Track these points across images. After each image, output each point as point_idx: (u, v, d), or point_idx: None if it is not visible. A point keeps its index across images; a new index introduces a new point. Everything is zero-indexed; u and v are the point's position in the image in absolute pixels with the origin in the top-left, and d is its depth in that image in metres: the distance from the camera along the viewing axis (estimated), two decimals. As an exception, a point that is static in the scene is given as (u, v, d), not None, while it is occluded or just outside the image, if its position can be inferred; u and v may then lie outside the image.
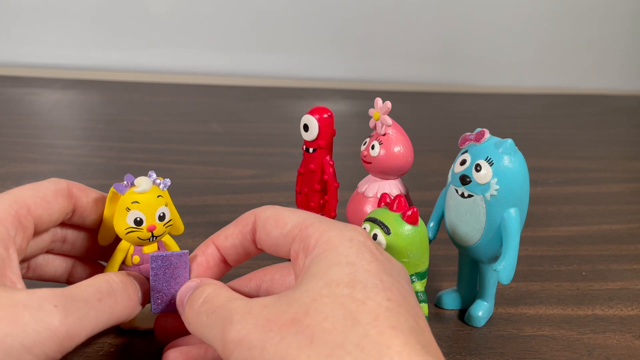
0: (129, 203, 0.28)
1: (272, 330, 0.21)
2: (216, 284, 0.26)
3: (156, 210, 0.28)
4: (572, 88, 1.30)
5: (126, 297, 0.26)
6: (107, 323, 0.25)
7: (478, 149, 0.32)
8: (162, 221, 0.29)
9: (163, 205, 0.29)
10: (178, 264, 0.28)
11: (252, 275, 0.30)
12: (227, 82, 1.09)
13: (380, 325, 0.20)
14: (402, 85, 1.19)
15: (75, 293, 0.23)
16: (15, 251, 0.25)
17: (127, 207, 0.28)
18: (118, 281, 0.26)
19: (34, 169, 0.59)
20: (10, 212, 0.25)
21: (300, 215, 0.27)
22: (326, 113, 0.37)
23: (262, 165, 0.65)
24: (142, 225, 0.28)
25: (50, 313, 0.22)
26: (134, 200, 0.28)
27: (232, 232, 0.29)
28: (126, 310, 0.26)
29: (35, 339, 0.21)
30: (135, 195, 0.28)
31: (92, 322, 0.23)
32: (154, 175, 0.29)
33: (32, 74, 1.02)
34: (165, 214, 0.29)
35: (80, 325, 0.23)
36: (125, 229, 0.28)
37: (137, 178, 0.28)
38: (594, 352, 0.33)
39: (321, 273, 0.22)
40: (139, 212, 0.28)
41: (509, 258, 0.31)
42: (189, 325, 0.25)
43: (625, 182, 0.68)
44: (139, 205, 0.28)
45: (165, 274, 0.27)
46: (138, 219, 0.28)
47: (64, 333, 0.22)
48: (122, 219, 0.28)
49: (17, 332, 0.21)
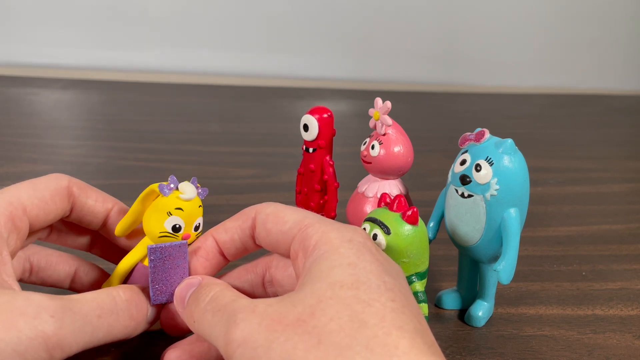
0: (172, 208, 0.27)
1: (276, 330, 0.21)
2: (222, 283, 0.26)
3: (195, 220, 0.28)
4: (572, 88, 1.30)
5: (128, 316, 0.26)
6: (103, 340, 0.25)
7: (478, 149, 0.32)
8: (196, 231, 0.28)
9: (201, 216, 0.28)
10: (177, 255, 0.27)
11: (259, 262, 0.30)
12: (227, 82, 1.09)
13: (387, 326, 0.20)
14: (402, 85, 1.19)
15: (74, 305, 0.23)
16: (8, 253, 0.25)
17: (169, 212, 0.27)
18: (124, 299, 0.26)
19: (34, 169, 0.59)
20: (4, 213, 0.25)
21: (300, 214, 0.27)
22: (326, 113, 0.37)
23: (262, 165, 0.65)
24: (179, 233, 0.28)
25: (45, 322, 0.22)
26: (178, 206, 0.27)
27: (232, 226, 0.29)
28: (126, 329, 0.26)
29: (27, 345, 0.21)
30: (181, 201, 0.27)
31: (87, 337, 0.23)
32: (197, 182, 0.29)
33: (32, 74, 1.02)
34: (200, 225, 0.29)
35: (73, 339, 0.23)
36: (161, 232, 0.27)
37: (181, 183, 0.28)
38: (594, 352, 0.33)
39: (324, 274, 0.22)
40: (180, 220, 0.27)
41: (509, 258, 0.31)
42: (194, 324, 0.25)
43: (625, 182, 0.68)
44: (182, 212, 0.27)
45: (165, 265, 0.27)
46: (177, 226, 0.27)
47: (54, 343, 0.22)
48: (159, 221, 0.27)
49: (10, 337, 0.21)
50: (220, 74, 1.12)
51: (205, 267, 0.29)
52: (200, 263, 0.29)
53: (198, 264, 0.29)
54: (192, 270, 0.29)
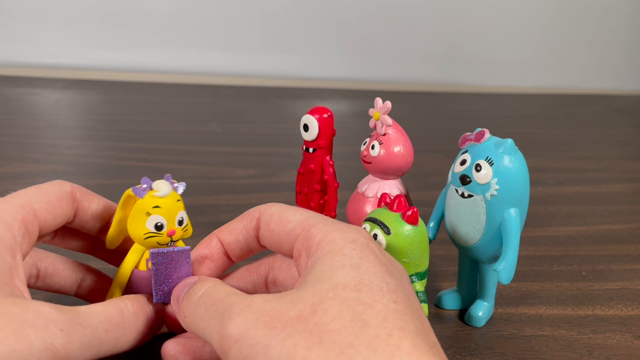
0: (150, 208, 0.27)
1: (276, 327, 0.20)
2: (215, 280, 0.26)
3: (176, 215, 0.28)
4: (572, 88, 1.30)
5: (135, 330, 0.26)
6: (110, 352, 0.25)
7: (478, 148, 0.32)
8: (181, 226, 0.28)
9: (182, 210, 0.28)
10: (179, 260, 0.27)
11: (262, 262, 0.30)
12: (227, 82, 1.09)
13: (389, 327, 0.20)
14: (402, 85, 1.19)
15: (83, 319, 0.23)
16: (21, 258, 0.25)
17: (148, 212, 0.27)
18: (132, 312, 0.26)
19: (34, 169, 0.59)
20: (17, 217, 0.25)
21: (304, 214, 0.27)
22: (326, 113, 0.37)
23: (262, 165, 0.65)
24: (162, 230, 0.27)
25: (54, 335, 0.22)
26: (155, 204, 0.27)
27: (237, 227, 0.29)
28: (132, 342, 0.26)
29: (37, 357, 0.21)
30: (156, 199, 0.27)
31: (93, 350, 0.23)
32: (171, 178, 0.29)
33: (32, 74, 1.02)
34: (184, 219, 0.28)
35: (80, 352, 0.23)
36: (145, 234, 0.27)
37: (155, 182, 0.28)
38: (594, 352, 0.33)
39: (326, 275, 0.22)
40: (161, 217, 0.27)
41: (509, 258, 0.31)
42: (185, 319, 0.25)
43: (625, 182, 0.68)
44: (161, 210, 0.27)
45: (167, 268, 0.27)
46: (159, 224, 0.27)
47: (62, 356, 0.22)
48: (141, 223, 0.27)
49: (22, 349, 0.21)
50: (220, 74, 1.12)
51: (210, 268, 0.29)
52: (205, 265, 0.29)
53: (203, 265, 0.29)
54: (197, 272, 0.29)
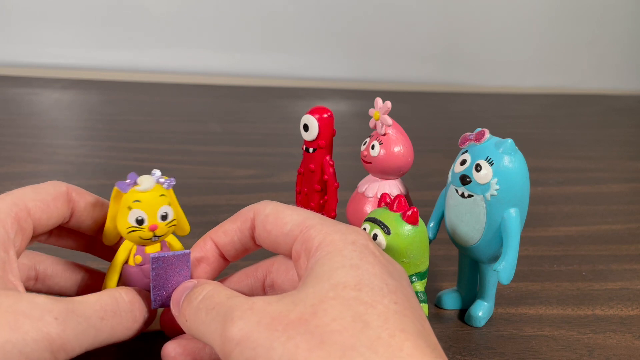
0: (131, 202, 0.27)
1: (277, 330, 0.20)
2: (215, 283, 0.26)
3: (158, 210, 0.28)
4: (572, 88, 1.30)
5: (131, 318, 0.26)
6: (106, 341, 0.25)
7: (478, 149, 0.32)
8: (164, 221, 0.28)
9: (166, 205, 0.28)
10: (178, 264, 0.27)
11: (259, 266, 0.30)
12: (227, 82, 1.09)
13: (391, 328, 0.20)
14: (402, 85, 1.19)
15: (78, 308, 0.23)
16: (14, 253, 0.25)
17: (129, 206, 0.27)
18: (127, 301, 0.26)
19: (34, 169, 0.59)
20: (10, 214, 0.25)
21: (301, 215, 0.26)
22: (326, 113, 0.37)
23: (262, 165, 0.65)
24: (143, 225, 0.27)
25: (49, 324, 0.22)
26: (136, 199, 0.27)
27: (231, 228, 0.29)
28: (128, 331, 0.26)
29: (33, 347, 0.21)
30: (137, 193, 0.27)
31: (90, 339, 0.23)
32: (158, 173, 0.28)
33: (32, 74, 1.02)
34: (168, 214, 0.28)
35: (76, 341, 0.23)
36: (127, 228, 0.27)
37: (139, 176, 0.28)
38: (594, 352, 0.33)
39: (326, 275, 0.22)
40: (141, 211, 0.27)
41: (509, 258, 0.31)
42: (185, 323, 0.25)
43: (625, 182, 0.68)
44: (141, 204, 0.27)
45: (167, 272, 0.27)
46: (140, 218, 0.27)
47: (59, 345, 0.22)
48: (124, 218, 0.27)
49: (17, 339, 0.21)
50: (220, 74, 1.12)
51: (206, 271, 0.29)
52: (201, 268, 0.29)
53: (199, 269, 0.29)
54: (193, 275, 0.29)
